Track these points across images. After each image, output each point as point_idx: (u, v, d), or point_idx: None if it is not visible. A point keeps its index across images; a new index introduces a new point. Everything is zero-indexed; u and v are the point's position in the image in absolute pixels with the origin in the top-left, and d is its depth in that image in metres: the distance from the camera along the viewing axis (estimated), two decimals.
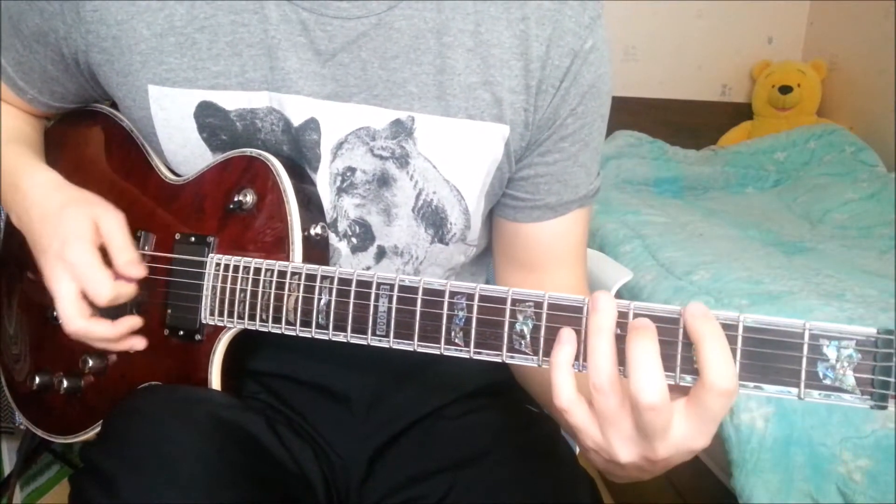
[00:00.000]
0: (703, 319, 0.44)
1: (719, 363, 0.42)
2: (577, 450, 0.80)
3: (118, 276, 0.62)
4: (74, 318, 0.61)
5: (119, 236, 0.63)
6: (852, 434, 1.04)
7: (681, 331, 0.45)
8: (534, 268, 0.71)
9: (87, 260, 0.61)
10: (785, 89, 2.49)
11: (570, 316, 0.48)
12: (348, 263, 0.69)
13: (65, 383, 0.70)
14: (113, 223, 0.63)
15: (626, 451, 0.47)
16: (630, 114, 2.44)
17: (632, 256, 1.67)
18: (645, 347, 0.44)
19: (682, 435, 0.45)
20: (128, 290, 0.63)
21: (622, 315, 0.46)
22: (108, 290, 0.60)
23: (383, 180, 0.66)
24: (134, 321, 0.65)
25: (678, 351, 0.45)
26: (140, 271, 0.63)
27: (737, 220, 1.99)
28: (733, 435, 1.09)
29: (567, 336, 0.47)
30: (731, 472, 1.10)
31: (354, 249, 0.69)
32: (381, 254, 0.70)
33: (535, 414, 0.76)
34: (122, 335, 0.64)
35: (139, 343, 0.66)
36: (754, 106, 2.61)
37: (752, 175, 2.38)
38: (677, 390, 0.45)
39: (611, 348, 0.45)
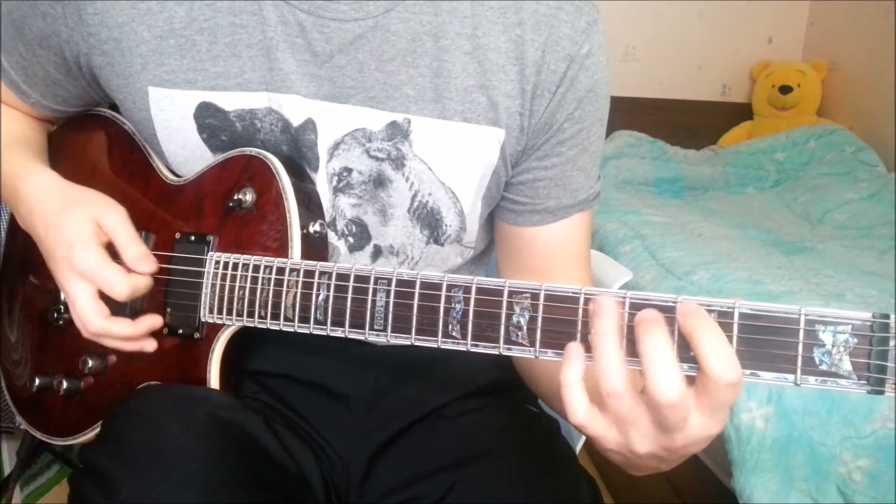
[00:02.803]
0: (694, 316, 0.43)
1: (717, 356, 0.42)
2: (578, 450, 0.80)
3: (130, 271, 0.62)
4: (93, 318, 0.62)
5: (123, 232, 0.63)
6: (852, 434, 1.04)
7: (676, 319, 0.45)
8: (538, 273, 0.71)
9: (95, 261, 0.61)
10: (785, 89, 2.49)
11: (566, 307, 0.48)
12: (346, 262, 0.69)
13: (64, 384, 0.70)
14: (115, 220, 0.63)
15: (645, 445, 0.46)
16: (630, 114, 2.44)
17: (632, 256, 1.67)
18: (658, 343, 0.43)
19: (697, 425, 0.44)
20: (144, 282, 0.63)
21: (619, 305, 0.46)
22: (125, 285, 0.61)
23: (379, 181, 0.66)
24: (154, 320, 0.65)
25: (675, 339, 0.45)
26: (150, 265, 0.63)
27: (737, 220, 1.99)
28: (733, 435, 1.09)
29: (575, 352, 0.46)
30: (731, 472, 1.10)
31: (352, 248, 0.69)
32: (377, 253, 0.70)
33: (535, 414, 0.76)
34: (142, 334, 0.64)
35: (150, 345, 0.66)
36: (754, 106, 2.61)
37: (752, 175, 2.38)
38: (684, 379, 0.45)
39: (619, 352, 0.44)
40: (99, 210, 0.64)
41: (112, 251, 0.63)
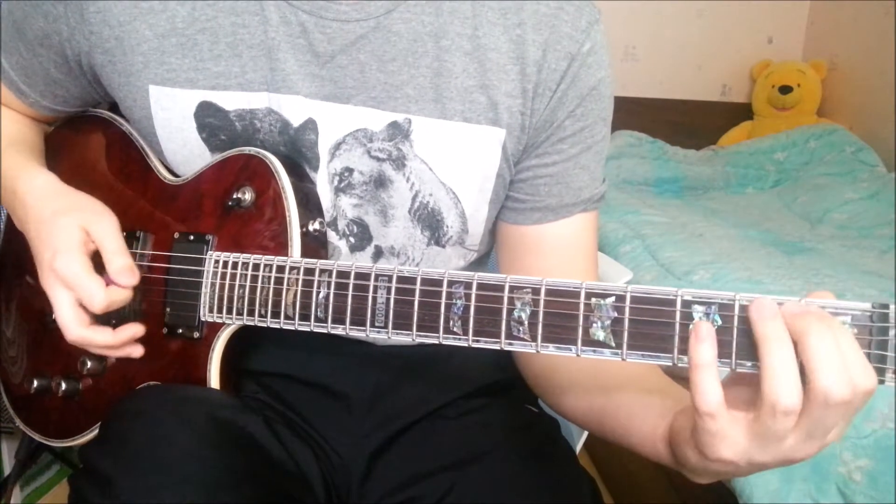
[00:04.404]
0: (802, 316, 0.42)
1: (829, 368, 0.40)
2: (578, 450, 0.80)
3: (111, 282, 0.62)
4: (73, 327, 0.61)
5: (111, 242, 0.62)
6: (852, 434, 1.04)
7: (678, 313, 0.45)
8: (540, 276, 0.70)
9: (76, 270, 0.60)
10: (785, 89, 2.48)
11: (567, 301, 0.48)
12: (347, 261, 0.69)
13: (63, 386, 0.70)
14: (104, 229, 0.63)
15: (771, 456, 0.44)
16: (630, 114, 2.44)
17: (632, 256, 1.67)
18: (830, 338, 0.41)
19: (835, 432, 0.43)
20: (122, 296, 0.62)
21: (619, 299, 0.46)
22: (101, 298, 0.60)
23: (380, 181, 0.66)
24: (135, 329, 0.65)
25: (675, 332, 0.45)
26: (132, 278, 0.62)
27: (737, 220, 1.99)
28: None
29: (706, 331, 0.44)
30: None
31: (353, 248, 0.69)
32: (378, 254, 0.70)
33: (535, 414, 0.76)
34: (124, 343, 0.64)
35: (137, 350, 0.66)
36: (754, 106, 2.61)
37: (752, 175, 2.38)
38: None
39: (795, 362, 0.42)
40: (89, 217, 0.63)
41: (99, 259, 0.63)
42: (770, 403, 0.42)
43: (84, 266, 0.61)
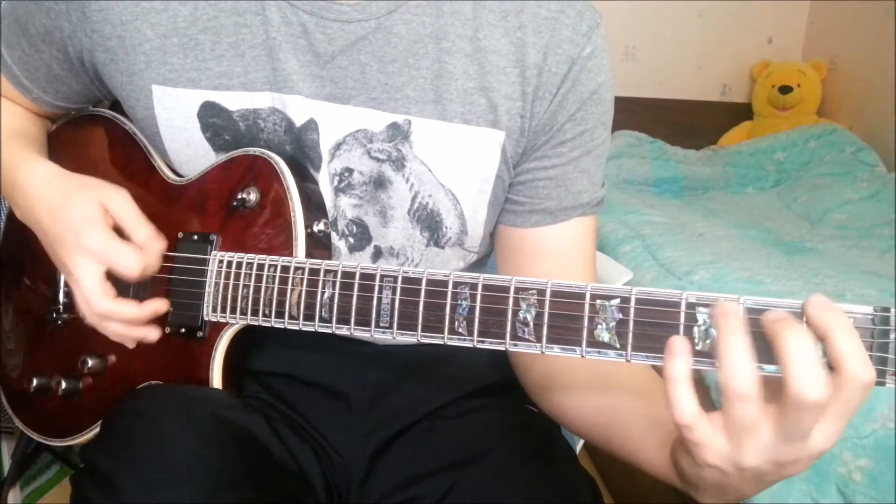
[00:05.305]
0: (830, 312, 0.41)
1: (856, 355, 0.40)
2: (578, 450, 0.80)
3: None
4: (100, 299, 0.61)
5: (131, 214, 0.63)
6: (852, 434, 1.04)
7: (682, 314, 0.45)
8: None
9: (106, 241, 0.61)
10: (785, 89, 2.49)
11: (572, 303, 0.48)
12: (347, 262, 0.69)
13: (63, 385, 0.70)
14: (121, 202, 0.63)
15: (756, 457, 0.44)
16: (630, 114, 2.44)
17: (632, 256, 1.67)
18: (803, 340, 0.41)
19: (820, 435, 0.43)
20: (155, 261, 0.63)
21: (624, 300, 0.47)
22: (137, 262, 0.61)
23: (379, 182, 0.66)
24: (160, 304, 0.65)
25: (679, 334, 0.45)
26: (160, 243, 0.64)
27: (737, 220, 1.99)
28: None
29: (680, 346, 0.44)
30: None
31: (352, 249, 0.69)
32: (377, 254, 0.70)
33: (535, 414, 0.76)
34: (148, 317, 0.64)
35: (153, 333, 0.65)
36: (754, 106, 2.61)
37: (752, 175, 2.38)
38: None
39: (748, 351, 0.42)
40: (104, 193, 0.64)
41: (118, 234, 0.63)
42: (728, 394, 0.42)
43: (112, 236, 0.62)
